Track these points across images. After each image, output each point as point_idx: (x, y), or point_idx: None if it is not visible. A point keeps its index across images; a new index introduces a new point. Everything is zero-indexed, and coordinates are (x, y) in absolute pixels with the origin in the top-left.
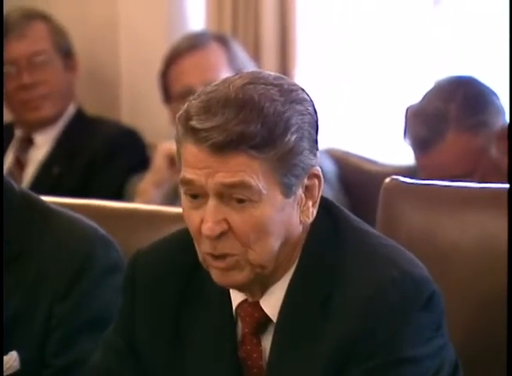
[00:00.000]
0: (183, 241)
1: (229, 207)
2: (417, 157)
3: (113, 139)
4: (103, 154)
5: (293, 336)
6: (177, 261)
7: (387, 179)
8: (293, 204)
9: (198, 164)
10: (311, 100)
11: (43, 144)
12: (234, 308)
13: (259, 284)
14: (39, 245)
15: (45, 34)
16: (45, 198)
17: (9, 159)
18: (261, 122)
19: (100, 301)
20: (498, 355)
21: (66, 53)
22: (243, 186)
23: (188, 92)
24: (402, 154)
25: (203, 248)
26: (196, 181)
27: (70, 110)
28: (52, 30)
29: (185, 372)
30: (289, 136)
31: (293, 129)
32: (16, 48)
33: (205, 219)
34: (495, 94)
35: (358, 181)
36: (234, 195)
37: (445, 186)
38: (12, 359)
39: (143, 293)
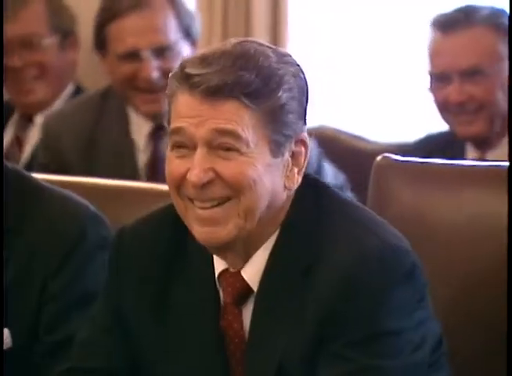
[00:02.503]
0: (168, 216)
1: (217, 156)
2: (437, 39)
3: None
4: None
5: (273, 305)
6: (162, 235)
7: (379, 157)
8: (280, 165)
9: (190, 113)
10: (302, 70)
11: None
12: (216, 277)
13: (241, 248)
14: (31, 222)
15: (40, 15)
16: (37, 176)
17: (8, 137)
18: (255, 72)
19: (91, 278)
20: (490, 336)
21: (65, 33)
22: (232, 134)
23: (133, 55)
24: (394, 132)
25: (187, 193)
26: (187, 129)
27: (69, 89)
28: (51, 11)
29: (168, 343)
30: (281, 92)
31: (285, 86)
32: (7, 30)
33: (192, 167)
34: None
35: (349, 159)
36: (222, 144)
37: (438, 163)
38: (4, 336)
39: (128, 266)
